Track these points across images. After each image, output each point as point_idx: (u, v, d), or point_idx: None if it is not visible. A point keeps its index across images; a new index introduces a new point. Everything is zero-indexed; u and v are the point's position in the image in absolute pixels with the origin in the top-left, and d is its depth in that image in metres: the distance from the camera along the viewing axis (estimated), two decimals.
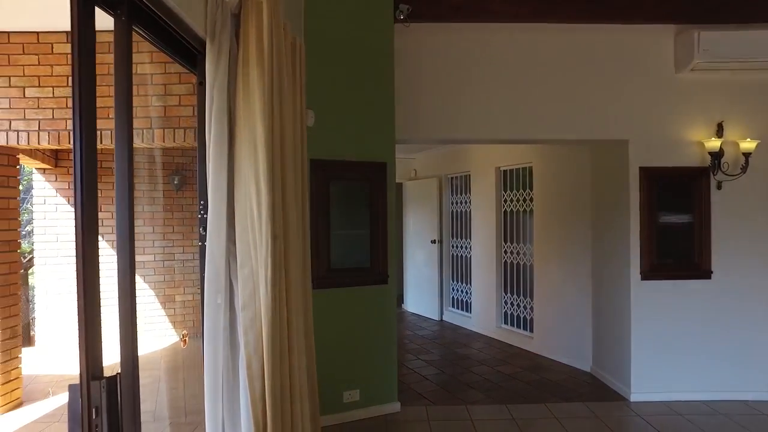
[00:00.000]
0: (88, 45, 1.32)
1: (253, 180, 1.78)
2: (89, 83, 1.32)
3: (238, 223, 1.79)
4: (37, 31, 4.28)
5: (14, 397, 4.42)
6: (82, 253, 1.26)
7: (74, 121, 1.31)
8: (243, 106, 1.81)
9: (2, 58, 4.28)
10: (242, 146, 1.79)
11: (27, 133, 4.27)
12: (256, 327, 1.77)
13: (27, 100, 4.28)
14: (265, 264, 1.77)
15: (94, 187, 1.31)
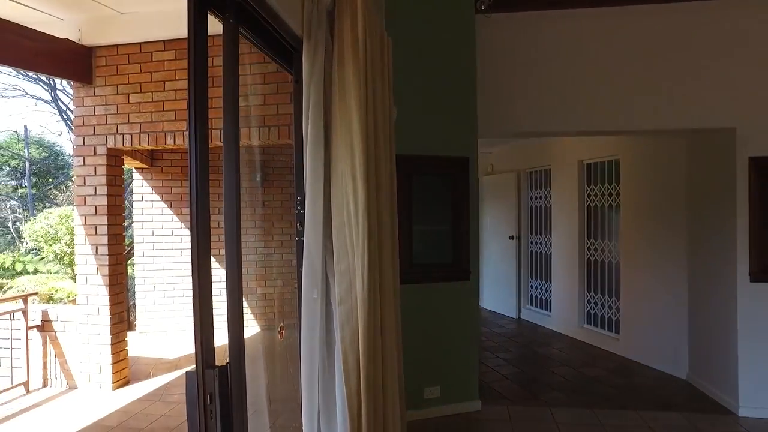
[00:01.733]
0: (202, 49, 1.38)
1: (349, 176, 1.79)
2: (203, 84, 1.38)
3: (334, 218, 1.82)
4: (139, 42, 4.61)
5: (122, 376, 4.82)
6: (197, 253, 1.32)
7: (190, 122, 1.37)
8: (339, 103, 1.83)
9: (111, 69, 4.66)
10: (338, 142, 1.81)
11: (131, 136, 4.62)
12: (353, 322, 1.79)
13: (131, 105, 4.64)
14: (361, 259, 1.78)
15: (207, 187, 1.37)
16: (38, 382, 4.87)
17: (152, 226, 6.58)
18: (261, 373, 3.79)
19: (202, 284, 1.33)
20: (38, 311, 4.91)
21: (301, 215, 1.89)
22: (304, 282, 1.80)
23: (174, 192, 6.59)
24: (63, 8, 4.35)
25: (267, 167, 6.71)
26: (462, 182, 4.05)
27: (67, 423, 4.08)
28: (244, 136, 4.47)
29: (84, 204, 4.72)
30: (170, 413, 4.26)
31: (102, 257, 4.69)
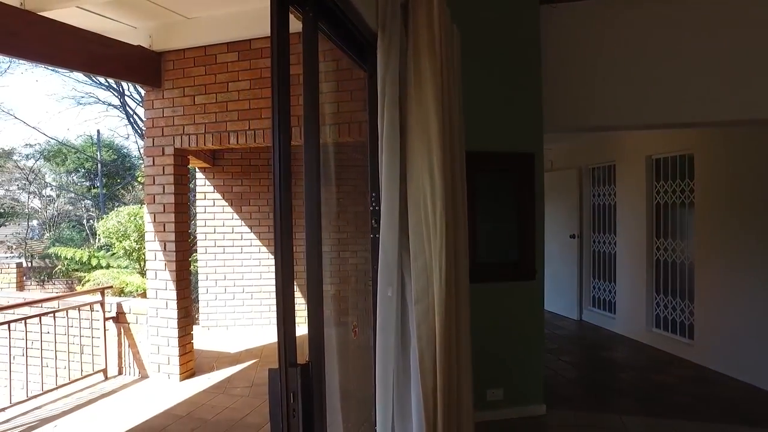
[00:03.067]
0: (284, 45, 1.37)
1: (426, 171, 1.75)
2: (285, 81, 1.37)
3: (411, 215, 1.78)
4: (204, 45, 4.76)
5: (189, 368, 5.01)
6: (281, 252, 1.31)
7: (273, 120, 1.36)
8: (415, 97, 1.79)
9: (178, 72, 4.83)
10: (414, 137, 1.77)
11: (196, 136, 4.78)
12: (429, 321, 1.74)
13: (196, 106, 4.79)
14: (439, 257, 1.73)
15: (290, 186, 1.36)
16: (114, 369, 5.15)
17: (214, 224, 6.80)
18: (334, 370, 3.84)
19: (285, 283, 1.32)
20: (113, 304, 5.18)
21: (376, 212, 1.86)
22: (379, 280, 1.77)
23: (234, 190, 6.79)
24: (136, 17, 4.55)
25: (325, 166, 6.77)
26: (527, 179, 3.92)
27: (141, 410, 4.27)
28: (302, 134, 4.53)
29: (153, 202, 4.93)
30: (234, 406, 4.38)
31: (170, 253, 4.88)
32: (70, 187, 22.88)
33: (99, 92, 21.31)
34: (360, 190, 2.37)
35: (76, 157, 22.14)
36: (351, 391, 1.94)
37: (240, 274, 6.75)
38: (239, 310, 6.75)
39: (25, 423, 4.10)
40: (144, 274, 9.13)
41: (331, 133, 4.51)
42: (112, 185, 21.81)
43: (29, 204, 22.56)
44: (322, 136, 1.63)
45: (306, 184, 1.49)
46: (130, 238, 9.60)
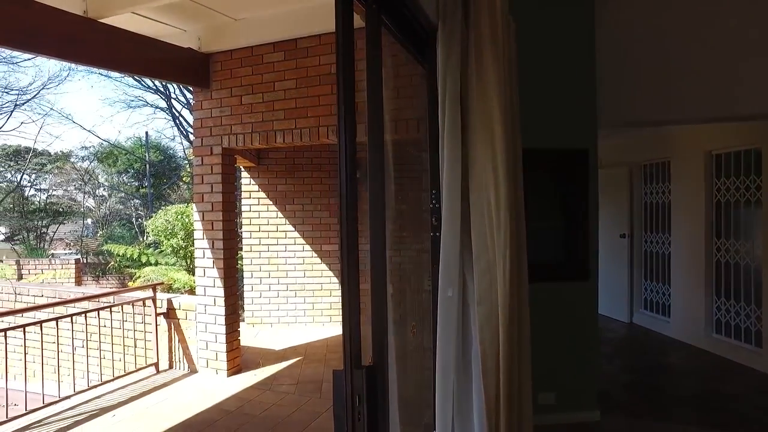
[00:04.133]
0: (349, 41, 1.33)
1: (490, 168, 1.68)
2: (351, 77, 1.34)
3: (473, 213, 1.72)
4: (251, 46, 4.82)
5: (236, 364, 5.09)
6: (347, 253, 1.28)
7: (339, 117, 1.33)
8: (477, 91, 1.72)
9: (226, 73, 4.92)
10: (477, 133, 1.71)
11: (243, 136, 4.85)
12: (492, 323, 1.68)
13: (243, 106, 4.86)
14: (503, 257, 1.67)
15: (355, 184, 1.32)
16: (165, 363, 5.29)
17: (258, 222, 6.90)
18: (391, 370, 3.82)
19: (350, 283, 1.29)
20: (164, 299, 5.33)
21: (436, 209, 1.81)
22: (440, 279, 1.72)
23: (279, 189, 6.87)
24: (186, 20, 4.65)
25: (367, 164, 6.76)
26: (580, 176, 3.78)
27: (191, 404, 4.37)
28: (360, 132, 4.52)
29: (202, 201, 5.03)
30: (280, 402, 4.42)
31: (217, 251, 4.97)
32: (120, 187, 23.87)
33: (147, 95, 22.15)
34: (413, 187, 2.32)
35: (126, 159, 23.09)
36: (408, 392, 1.90)
37: (284, 271, 6.83)
38: (283, 308, 6.83)
39: (87, 411, 4.27)
40: (191, 271, 9.38)
41: (361, 131, 4.49)
42: (159, 185, 22.60)
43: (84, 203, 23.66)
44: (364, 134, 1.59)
45: (370, 182, 1.45)
46: (178, 236, 9.88)
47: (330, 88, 4.47)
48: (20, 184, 21.74)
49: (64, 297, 5.80)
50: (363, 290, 5.44)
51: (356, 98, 1.45)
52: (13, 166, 21.50)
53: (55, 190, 23.68)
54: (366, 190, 1.91)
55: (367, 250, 1.54)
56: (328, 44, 4.50)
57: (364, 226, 1.57)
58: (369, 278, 1.43)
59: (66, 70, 23.47)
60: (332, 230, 6.85)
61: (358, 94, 1.52)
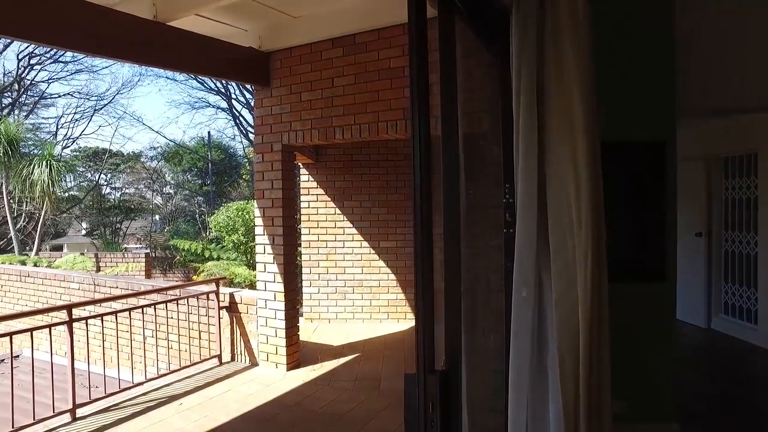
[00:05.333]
0: (422, 29, 1.25)
1: (569, 161, 1.55)
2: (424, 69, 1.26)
3: (551, 208, 1.59)
4: (310, 43, 4.84)
5: (295, 359, 5.16)
6: (421, 252, 1.21)
7: (413, 111, 1.26)
8: (555, 79, 1.59)
9: (286, 70, 4.97)
10: (555, 124, 1.58)
11: (302, 132, 4.88)
12: (572, 326, 1.55)
13: (302, 103, 4.89)
14: (584, 255, 1.54)
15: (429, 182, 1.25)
16: (228, 356, 5.45)
17: (317, 218, 6.97)
18: (461, 373, 3.76)
19: (425, 284, 1.21)
20: (227, 294, 5.48)
21: (509, 205, 1.70)
22: (514, 279, 1.61)
23: (337, 186, 6.90)
24: (247, 20, 4.74)
25: None
26: (657, 169, 3.51)
27: (252, 396, 4.47)
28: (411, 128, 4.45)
29: (262, 197, 5.12)
30: (339, 399, 4.42)
31: (278, 247, 5.04)
32: (185, 185, 25.07)
33: (210, 97, 23.11)
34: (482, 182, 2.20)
35: (190, 158, 24.20)
36: (479, 397, 1.80)
37: (342, 268, 6.87)
38: (341, 304, 6.87)
39: (157, 398, 4.46)
40: (251, 266, 9.65)
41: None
42: (221, 182, 23.51)
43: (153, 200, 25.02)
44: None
45: (444, 178, 1.37)
46: (238, 232, 10.19)
47: (389, 83, 4.41)
48: (98, 183, 23.29)
49: (136, 289, 6.10)
50: None
51: None
52: (92, 167, 23.08)
53: (127, 188, 25.25)
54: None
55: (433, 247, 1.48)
56: (387, 38, 4.44)
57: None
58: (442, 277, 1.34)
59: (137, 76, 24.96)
60: (390, 227, 6.82)
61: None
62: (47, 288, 7.82)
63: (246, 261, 10.35)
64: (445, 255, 1.37)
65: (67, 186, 18.16)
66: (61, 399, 4.14)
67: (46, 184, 11.27)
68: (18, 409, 3.85)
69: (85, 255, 12.24)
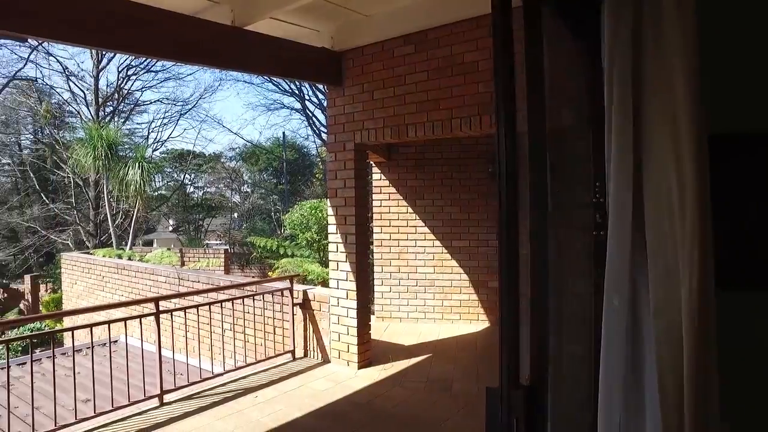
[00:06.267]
0: (507, 21, 1.16)
1: (672, 156, 1.39)
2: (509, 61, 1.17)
3: (648, 209, 1.44)
4: (381, 41, 4.82)
5: (366, 357, 5.18)
6: (506, 255, 1.12)
7: (496, 102, 1.17)
8: (654, 64, 1.43)
9: (357, 69, 4.98)
10: (655, 116, 1.42)
11: (375, 131, 4.87)
12: (674, 339, 1.39)
13: (374, 101, 4.88)
14: (689, 261, 1.37)
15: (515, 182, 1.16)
16: (301, 351, 5.57)
17: (389, 217, 6.96)
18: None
19: (510, 289, 1.12)
20: (300, 291, 5.60)
21: (599, 204, 1.56)
22: (605, 285, 1.47)
23: (409, 184, 6.86)
24: (319, 21, 4.80)
25: None
26: None
27: (324, 393, 4.53)
28: (486, 123, 4.30)
29: (335, 196, 5.17)
30: (410, 399, 4.37)
31: (350, 245, 5.08)
32: (261, 184, 26.20)
33: (284, 98, 23.94)
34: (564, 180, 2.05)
35: (266, 158, 25.23)
36: (564, 413, 1.67)
37: (413, 267, 6.82)
38: (412, 303, 6.82)
39: (234, 390, 4.65)
40: (323, 263, 9.85)
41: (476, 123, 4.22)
42: (295, 181, 24.31)
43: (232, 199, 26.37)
44: (488, 126, 1.40)
45: (530, 177, 1.27)
46: (312, 230, 10.44)
47: (462, 78, 4.29)
48: (183, 182, 24.93)
49: (216, 284, 6.40)
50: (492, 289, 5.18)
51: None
52: (178, 167, 24.72)
53: (208, 187, 26.83)
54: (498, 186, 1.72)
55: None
56: (460, 33, 4.33)
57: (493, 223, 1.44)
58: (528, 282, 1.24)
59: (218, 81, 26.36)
60: (463, 226, 6.67)
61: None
62: (139, 280, 8.44)
63: (319, 258, 10.58)
64: (530, 260, 1.27)
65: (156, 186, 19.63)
66: (150, 383, 4.42)
67: (139, 184, 12.18)
68: (116, 389, 4.17)
69: (171, 250, 13.10)
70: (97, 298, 9.68)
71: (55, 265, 16.60)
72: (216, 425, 3.93)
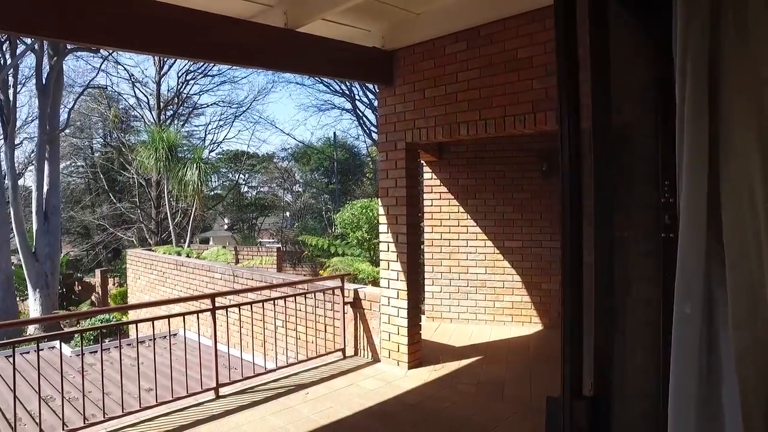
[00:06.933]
0: (570, 15, 1.09)
1: (755, 152, 1.28)
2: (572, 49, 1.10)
3: (726, 209, 1.33)
4: (432, 39, 4.77)
5: (416, 357, 5.15)
6: (569, 254, 1.06)
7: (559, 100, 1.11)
8: (734, 50, 1.32)
9: (408, 68, 4.96)
10: (735, 109, 1.31)
11: (426, 130, 4.82)
12: (759, 354, 1.27)
13: (426, 100, 4.83)
14: None
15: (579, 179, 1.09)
16: (351, 350, 5.61)
17: (440, 217, 6.89)
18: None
19: (573, 291, 1.06)
20: (351, 290, 5.64)
21: (669, 205, 1.45)
22: (675, 291, 1.37)
23: (460, 183, 6.76)
24: (370, 20, 4.80)
25: (554, 155, 6.26)
26: None
27: (374, 392, 4.53)
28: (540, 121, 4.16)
29: (386, 195, 5.17)
30: (461, 402, 4.30)
31: (401, 245, 5.06)
32: (312, 184, 26.69)
33: (335, 99, 24.26)
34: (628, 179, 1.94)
35: (317, 158, 25.68)
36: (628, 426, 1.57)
37: (465, 267, 6.72)
38: (463, 304, 6.72)
39: (285, 386, 4.74)
40: (374, 262, 9.90)
41: (551, 119, 4.05)
42: (346, 181, 24.60)
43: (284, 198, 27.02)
44: (542, 124, 1.32)
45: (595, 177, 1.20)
46: (362, 229, 10.51)
47: (516, 75, 4.17)
48: (237, 182, 25.80)
49: (269, 282, 6.56)
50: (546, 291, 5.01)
51: None
52: (233, 168, 25.61)
53: (262, 187, 27.64)
54: (553, 184, 1.60)
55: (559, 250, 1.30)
56: (514, 28, 4.21)
57: (556, 218, 1.37)
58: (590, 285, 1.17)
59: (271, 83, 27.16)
60: (516, 226, 6.51)
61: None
62: (196, 277, 8.79)
63: (369, 257, 10.64)
64: (594, 262, 1.20)
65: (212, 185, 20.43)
66: (207, 376, 4.58)
67: (196, 184, 12.69)
68: (175, 380, 4.35)
69: (226, 248, 13.57)
70: (158, 293, 10.17)
71: (121, 261, 17.61)
72: (269, 420, 4.01)
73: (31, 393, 5.17)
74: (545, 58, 4.00)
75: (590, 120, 1.36)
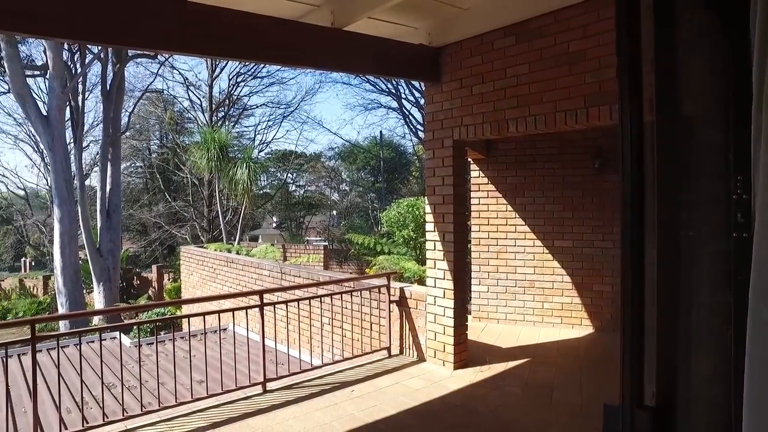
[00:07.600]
0: None
1: None
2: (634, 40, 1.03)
3: None
4: (480, 34, 4.67)
5: (462, 358, 5.07)
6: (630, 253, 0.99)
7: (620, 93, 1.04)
8: None
9: (456, 64, 4.88)
10: None
11: (474, 127, 4.74)
12: None
13: (473, 96, 4.74)
14: None
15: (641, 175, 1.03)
16: (396, 349, 5.60)
17: (487, 215, 6.76)
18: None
19: (634, 292, 0.99)
20: (397, 288, 5.62)
21: (742, 202, 1.35)
22: (751, 295, 1.27)
23: (509, 181, 6.61)
24: (416, 17, 4.76)
25: (606, 151, 6.01)
26: None
27: (419, 391, 4.50)
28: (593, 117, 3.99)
29: (433, 194, 5.11)
30: (507, 404, 4.20)
31: (448, 244, 4.99)
32: (359, 182, 26.89)
33: (381, 98, 24.33)
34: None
35: (364, 156, 25.84)
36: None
37: (512, 267, 6.56)
38: (511, 304, 6.57)
39: (331, 383, 4.77)
40: (420, 261, 9.85)
41: (605, 114, 3.87)
42: (392, 180, 24.64)
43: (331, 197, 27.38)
44: (595, 119, 1.24)
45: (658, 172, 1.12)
46: (408, 228, 10.48)
47: (568, 69, 4.02)
48: (285, 181, 26.37)
49: (316, 279, 6.65)
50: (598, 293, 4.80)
51: None
52: (281, 167, 26.21)
53: (309, 185, 28.12)
54: (605, 181, 1.48)
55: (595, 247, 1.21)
56: (565, 20, 4.06)
57: (608, 217, 1.30)
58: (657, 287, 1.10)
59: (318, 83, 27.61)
60: (566, 225, 6.30)
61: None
62: (246, 273, 9.03)
63: (415, 256, 10.59)
64: (658, 263, 1.12)
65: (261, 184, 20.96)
66: (254, 371, 4.69)
67: (246, 183, 13.04)
68: (224, 374, 4.48)
69: (274, 246, 13.88)
70: (209, 288, 10.53)
71: (176, 257, 18.38)
72: (314, 416, 4.06)
73: (96, 379, 5.47)
74: (599, 51, 3.84)
75: (653, 113, 1.27)
